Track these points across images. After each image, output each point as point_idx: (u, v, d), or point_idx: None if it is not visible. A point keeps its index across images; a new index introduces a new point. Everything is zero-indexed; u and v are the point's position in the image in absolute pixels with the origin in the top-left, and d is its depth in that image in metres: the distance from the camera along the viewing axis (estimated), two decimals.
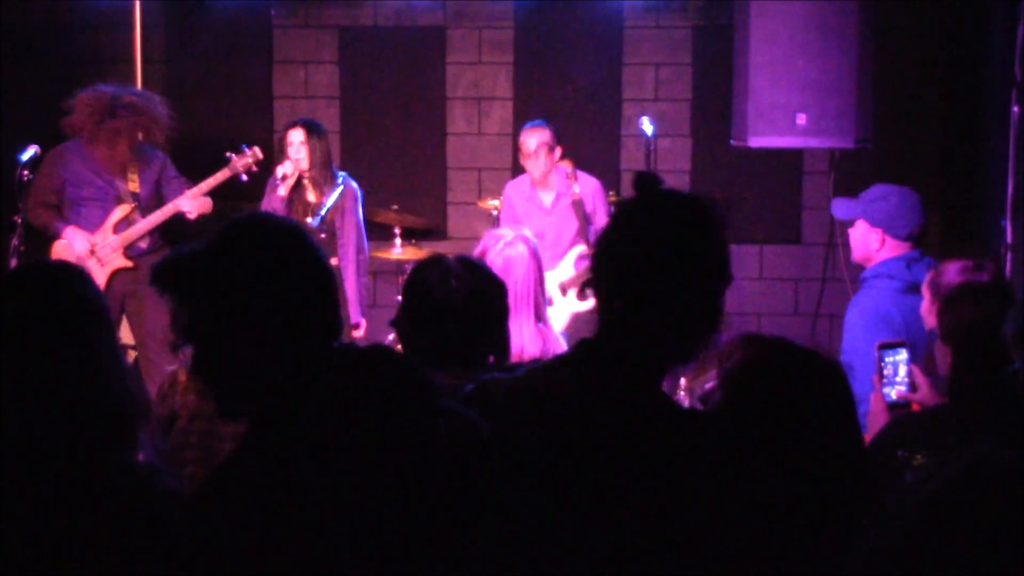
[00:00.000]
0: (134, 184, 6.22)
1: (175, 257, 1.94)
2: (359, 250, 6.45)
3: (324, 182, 6.35)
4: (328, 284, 1.98)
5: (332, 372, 1.89)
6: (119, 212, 6.18)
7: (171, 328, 5.86)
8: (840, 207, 4.33)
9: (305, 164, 6.33)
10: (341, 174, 6.47)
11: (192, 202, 6.20)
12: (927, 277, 3.69)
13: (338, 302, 2.00)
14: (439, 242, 7.78)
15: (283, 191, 6.28)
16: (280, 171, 6.33)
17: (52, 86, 7.46)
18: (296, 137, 6.36)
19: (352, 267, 6.38)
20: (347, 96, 8.16)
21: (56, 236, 6.17)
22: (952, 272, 3.53)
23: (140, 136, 6.19)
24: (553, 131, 6.54)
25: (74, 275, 2.18)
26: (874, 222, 4.18)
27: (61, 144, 6.21)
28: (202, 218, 6.28)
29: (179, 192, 6.28)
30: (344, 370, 1.90)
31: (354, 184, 6.47)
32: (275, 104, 8.24)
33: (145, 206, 6.24)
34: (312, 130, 6.39)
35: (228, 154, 6.39)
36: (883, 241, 4.17)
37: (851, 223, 4.27)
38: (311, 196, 6.41)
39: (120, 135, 6.05)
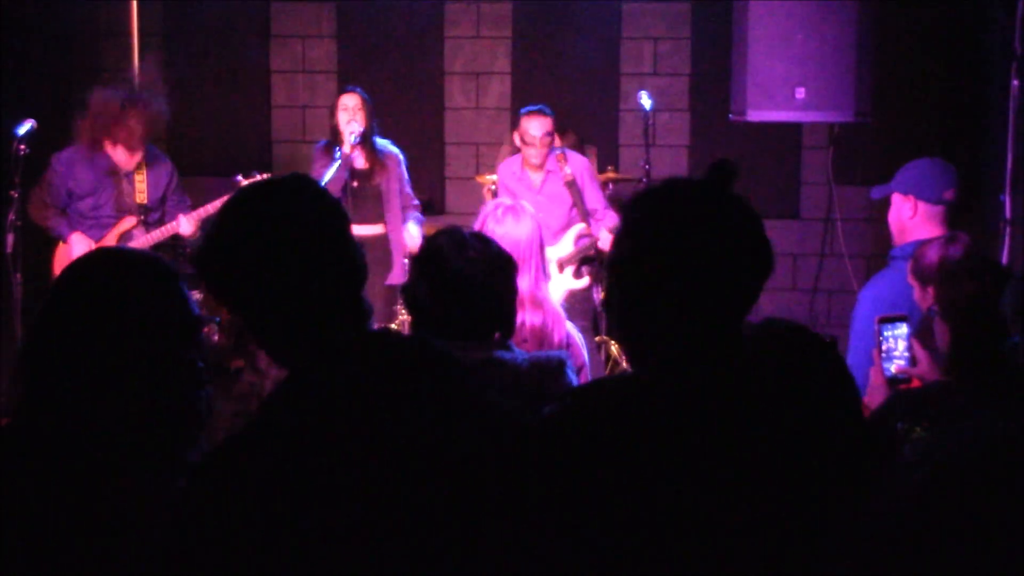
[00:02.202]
0: (142, 196, 6.24)
1: (207, 246, 1.93)
2: (405, 207, 6.52)
3: (371, 144, 6.42)
4: (335, 233, 1.93)
5: (369, 352, 1.86)
6: (125, 224, 6.21)
7: None
8: (876, 190, 4.28)
9: (361, 125, 6.37)
10: (385, 141, 6.52)
11: (191, 224, 6.20)
12: (908, 266, 3.68)
13: (352, 250, 1.94)
14: (437, 217, 7.76)
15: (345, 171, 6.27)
16: (347, 131, 6.30)
17: (48, 60, 7.45)
18: (352, 101, 6.41)
19: (399, 231, 6.42)
20: (345, 71, 8.13)
21: (61, 239, 6.18)
22: (930, 253, 3.54)
23: (148, 131, 6.20)
24: (554, 118, 6.51)
25: (152, 271, 2.11)
26: (904, 189, 4.12)
27: (71, 148, 6.19)
28: (195, 237, 6.28)
29: (180, 206, 6.30)
30: (382, 353, 1.87)
31: (395, 150, 6.54)
32: (272, 78, 8.21)
33: (149, 216, 6.26)
34: (363, 95, 6.46)
35: (237, 177, 6.38)
36: (915, 208, 4.08)
37: (888, 202, 4.21)
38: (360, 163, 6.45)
39: (134, 133, 6.08)
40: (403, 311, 6.16)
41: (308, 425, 1.80)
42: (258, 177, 6.28)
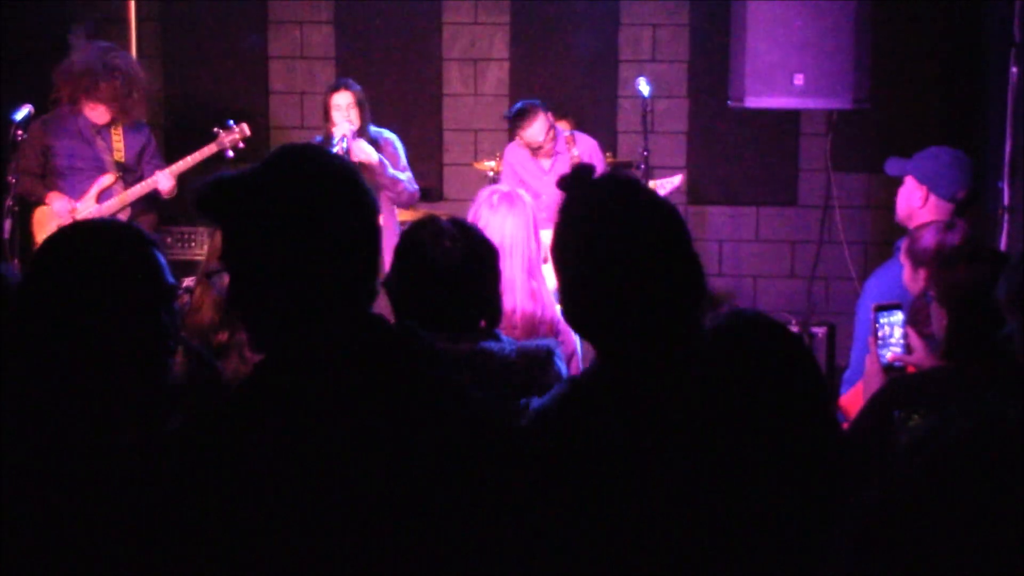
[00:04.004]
0: (119, 154, 6.23)
1: (220, 179, 1.84)
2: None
3: (366, 138, 6.31)
4: (372, 231, 1.87)
5: (358, 336, 1.83)
6: (104, 181, 6.20)
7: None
8: (892, 164, 4.26)
9: (356, 123, 6.29)
10: (382, 130, 6.45)
11: (169, 180, 6.18)
12: (903, 245, 3.68)
13: (379, 253, 1.90)
14: (435, 203, 7.76)
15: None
16: (338, 132, 6.23)
17: (46, 46, 7.43)
18: (344, 100, 6.31)
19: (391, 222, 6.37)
20: (343, 57, 8.11)
21: (40, 202, 6.17)
22: (927, 236, 3.54)
23: (121, 104, 6.18)
24: (543, 110, 6.49)
25: (128, 239, 2.11)
26: (920, 178, 4.10)
27: (50, 112, 6.20)
28: (172, 197, 6.25)
29: (156, 169, 6.28)
30: (371, 337, 1.85)
31: (391, 136, 6.45)
32: (270, 64, 8.19)
33: (127, 176, 6.25)
34: (355, 90, 6.37)
35: (215, 129, 6.34)
36: (926, 199, 4.07)
37: (901, 180, 4.19)
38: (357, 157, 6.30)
39: (108, 97, 6.08)
40: None
41: (278, 407, 1.79)
42: (234, 128, 6.27)
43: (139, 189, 6.20)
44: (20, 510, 1.93)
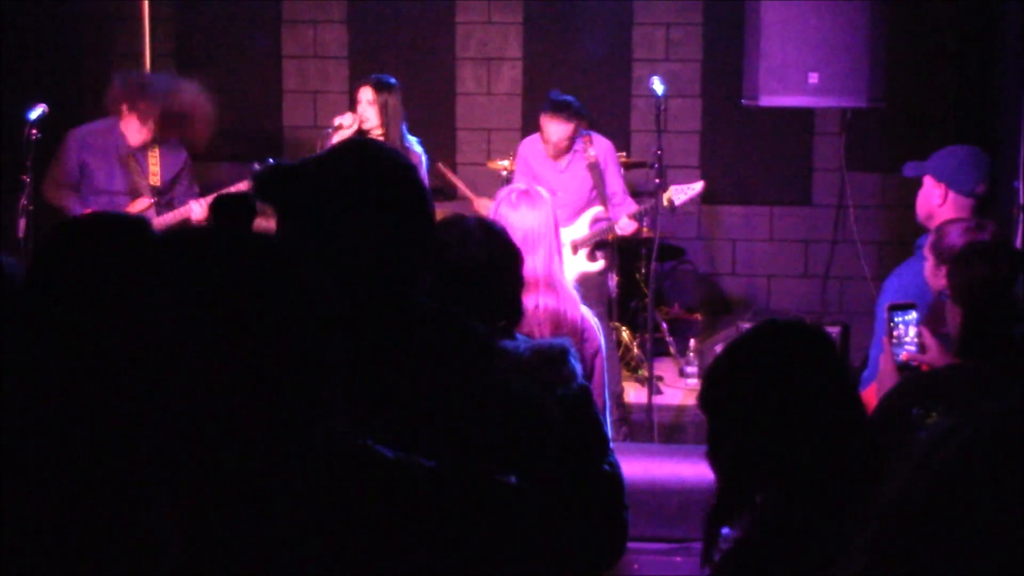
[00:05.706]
0: (155, 178, 6.23)
1: (280, 165, 1.95)
2: None
3: (395, 143, 6.13)
4: (423, 225, 1.95)
5: (406, 320, 1.87)
6: (139, 204, 6.20)
7: None
8: (910, 167, 4.26)
9: (374, 122, 6.23)
10: (412, 139, 6.34)
11: (203, 209, 6.15)
12: (928, 240, 3.67)
13: (430, 247, 1.99)
14: (448, 203, 7.75)
15: (336, 140, 6.03)
16: (337, 120, 6.22)
17: (59, 45, 7.46)
18: (364, 96, 6.27)
19: None
20: (355, 56, 8.12)
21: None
22: (954, 234, 3.53)
23: (170, 130, 6.18)
24: (579, 117, 6.47)
25: (138, 234, 2.10)
26: (938, 176, 4.09)
27: (87, 125, 6.20)
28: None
29: (188, 192, 6.29)
30: (420, 321, 1.87)
31: (419, 149, 6.31)
32: (283, 64, 8.21)
33: (161, 199, 6.25)
34: (382, 89, 6.27)
35: (255, 165, 6.34)
36: (945, 196, 4.06)
37: (920, 182, 4.18)
38: None
39: (149, 118, 6.09)
40: None
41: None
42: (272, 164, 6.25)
43: (171, 217, 6.18)
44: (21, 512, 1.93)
